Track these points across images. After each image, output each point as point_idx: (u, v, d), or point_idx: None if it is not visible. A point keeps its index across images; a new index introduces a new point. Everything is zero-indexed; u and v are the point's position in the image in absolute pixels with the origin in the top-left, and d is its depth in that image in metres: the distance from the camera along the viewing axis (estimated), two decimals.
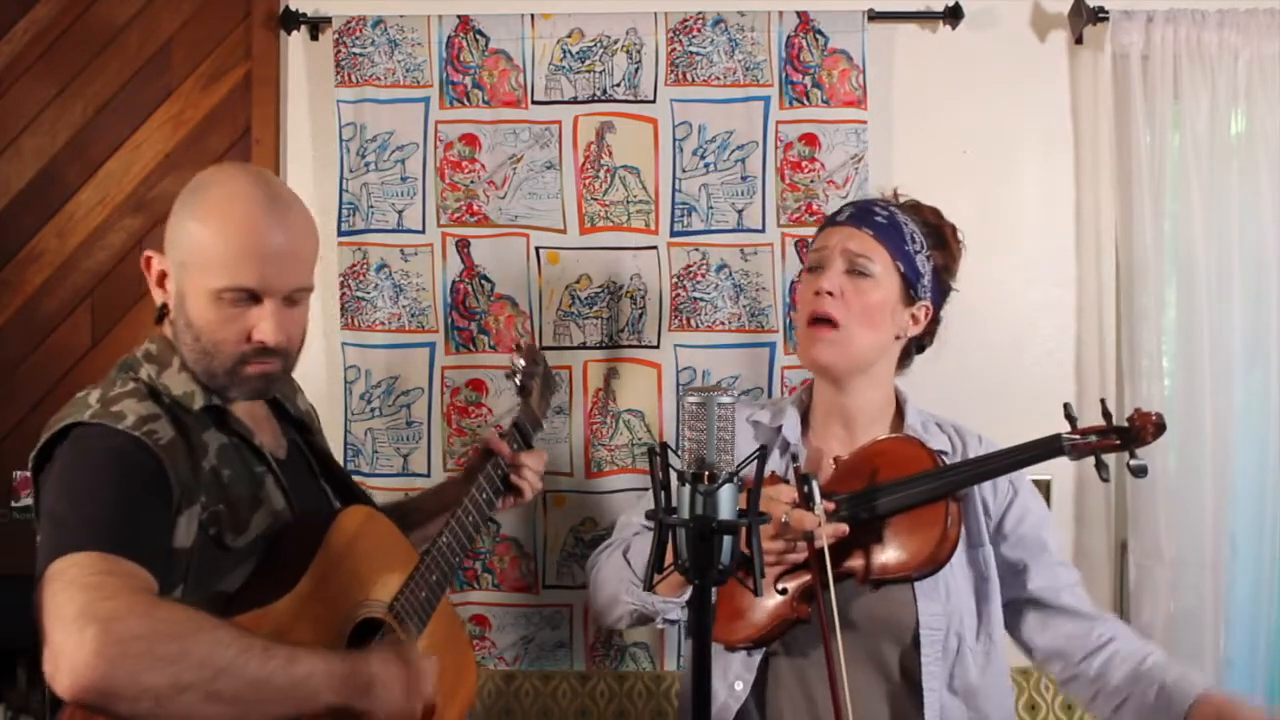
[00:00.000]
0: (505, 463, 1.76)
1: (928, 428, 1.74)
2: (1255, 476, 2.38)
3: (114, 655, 1.14)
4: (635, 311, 2.39)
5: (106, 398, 1.36)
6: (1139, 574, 2.34)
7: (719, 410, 1.21)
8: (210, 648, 1.20)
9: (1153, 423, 1.50)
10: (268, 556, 1.41)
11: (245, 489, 1.42)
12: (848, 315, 1.66)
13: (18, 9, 2.49)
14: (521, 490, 1.78)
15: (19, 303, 2.49)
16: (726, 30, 2.38)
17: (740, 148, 2.38)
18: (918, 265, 1.70)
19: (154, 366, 1.43)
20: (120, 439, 1.31)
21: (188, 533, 1.33)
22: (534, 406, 1.92)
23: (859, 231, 1.69)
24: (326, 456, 1.66)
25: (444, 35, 2.39)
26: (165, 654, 1.17)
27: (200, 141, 2.49)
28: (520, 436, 1.83)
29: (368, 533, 1.50)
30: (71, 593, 1.18)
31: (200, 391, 1.43)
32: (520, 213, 2.39)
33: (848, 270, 1.68)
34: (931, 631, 1.61)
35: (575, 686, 2.35)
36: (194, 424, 1.40)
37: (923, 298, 1.71)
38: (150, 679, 1.15)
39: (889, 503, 1.56)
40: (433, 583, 1.54)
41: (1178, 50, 2.35)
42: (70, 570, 1.20)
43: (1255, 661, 2.36)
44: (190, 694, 1.17)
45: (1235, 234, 2.35)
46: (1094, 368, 2.45)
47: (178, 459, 1.34)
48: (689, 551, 1.21)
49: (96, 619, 1.15)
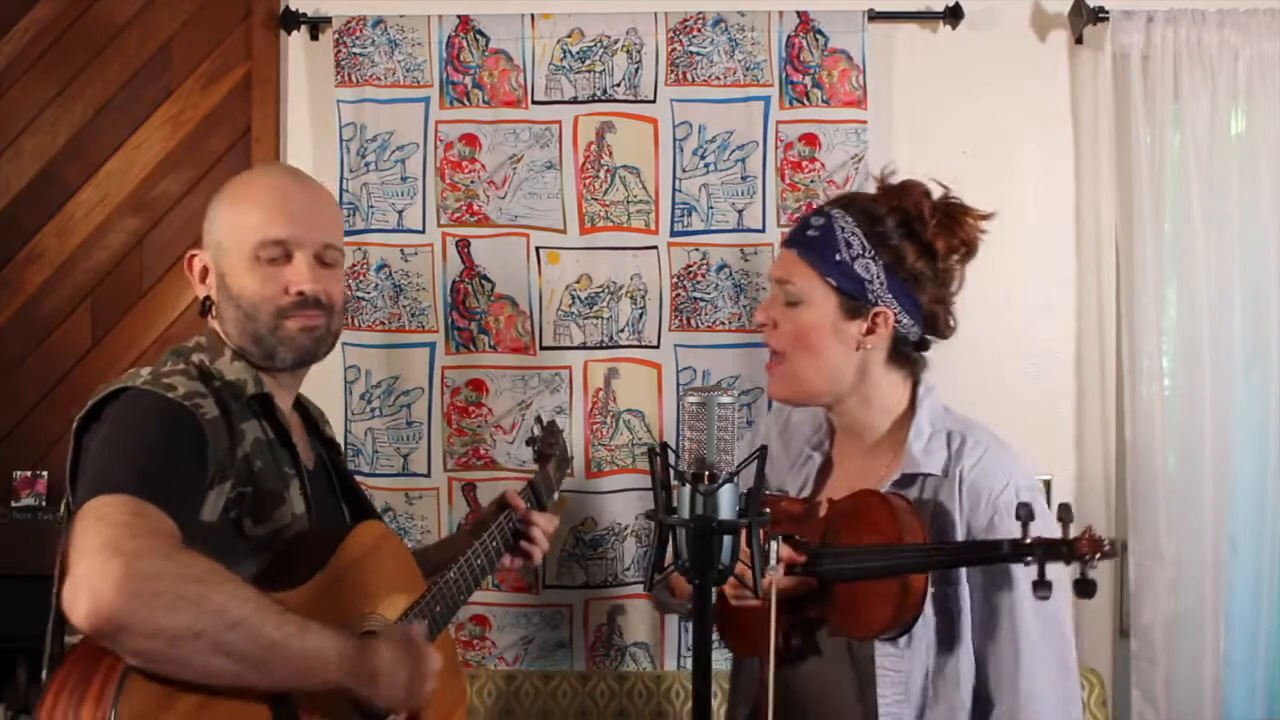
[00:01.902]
0: (517, 519, 1.78)
1: (932, 444, 1.61)
2: (1255, 476, 2.38)
3: (134, 590, 1.14)
4: (635, 311, 2.39)
5: (159, 373, 1.39)
6: (1139, 574, 2.34)
7: (719, 410, 1.21)
8: (229, 600, 1.20)
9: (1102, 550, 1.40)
10: (281, 555, 1.42)
11: (273, 484, 1.44)
12: (783, 344, 1.63)
13: (18, 9, 2.49)
14: (530, 554, 1.81)
15: (19, 303, 2.50)
16: (726, 30, 2.38)
17: (740, 148, 2.38)
18: (856, 272, 1.58)
19: (206, 354, 1.47)
20: (170, 404, 1.34)
21: (214, 508, 1.35)
22: (549, 475, 1.93)
23: (788, 253, 1.64)
24: (350, 479, 1.69)
25: (444, 35, 2.39)
26: (185, 596, 1.17)
27: (200, 141, 2.49)
28: (534, 497, 1.85)
29: (383, 549, 1.52)
30: (101, 527, 1.19)
31: (252, 380, 1.46)
32: (520, 213, 2.39)
33: (782, 299, 1.63)
34: (887, 673, 1.56)
35: (575, 686, 2.35)
36: (238, 411, 1.43)
37: (874, 303, 1.59)
38: (166, 619, 1.16)
39: (844, 570, 1.53)
40: (436, 613, 1.55)
41: (1178, 50, 2.35)
42: (103, 508, 1.21)
43: (1255, 661, 2.36)
44: (201, 641, 1.17)
45: (1235, 234, 2.36)
46: (1094, 368, 2.45)
47: (219, 435, 1.36)
48: (689, 551, 1.21)
49: (122, 552, 1.16)
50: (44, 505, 2.35)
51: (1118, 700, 2.41)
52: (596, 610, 2.40)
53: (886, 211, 1.62)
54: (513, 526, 1.78)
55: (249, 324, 1.47)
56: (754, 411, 2.36)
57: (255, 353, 1.48)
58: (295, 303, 1.47)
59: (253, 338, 1.47)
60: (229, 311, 1.48)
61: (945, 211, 1.63)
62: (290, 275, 1.47)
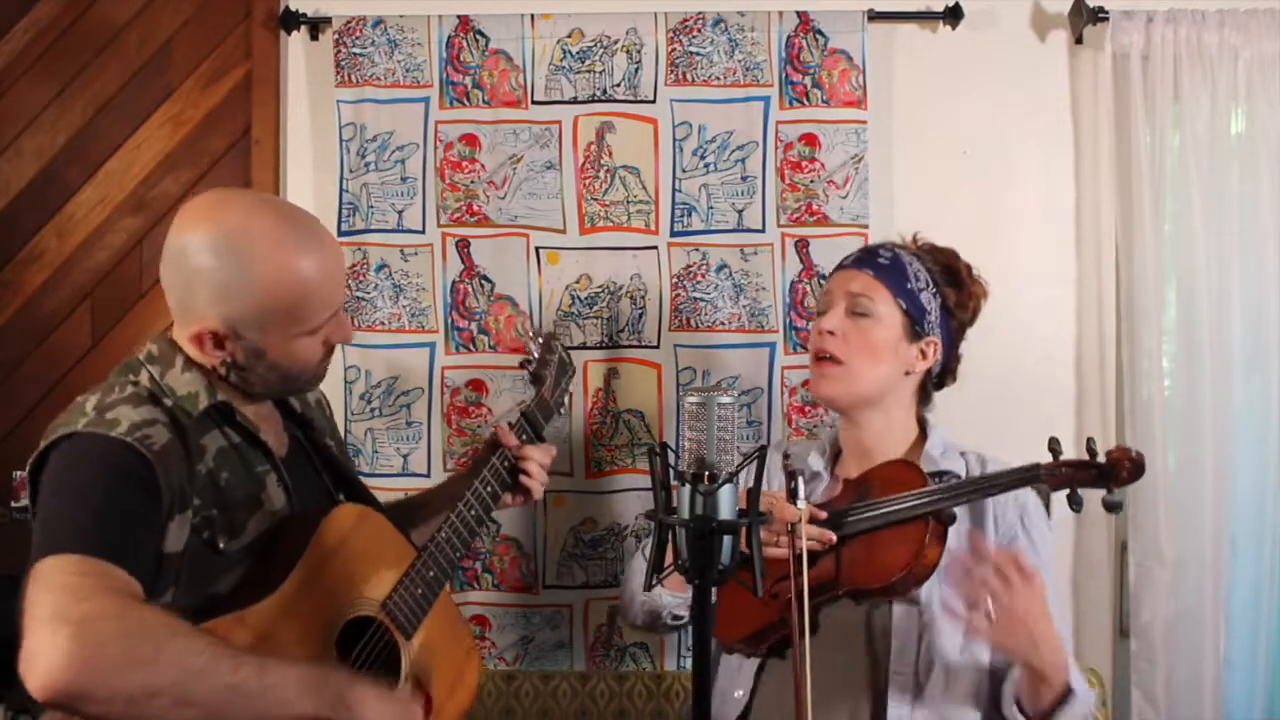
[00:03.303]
0: (512, 455, 1.72)
1: (948, 454, 1.79)
2: (1255, 476, 2.38)
3: (86, 657, 1.14)
4: (635, 311, 2.39)
5: (103, 404, 1.36)
6: (1139, 574, 2.34)
7: (719, 410, 1.21)
8: (181, 654, 1.19)
9: (1131, 460, 1.56)
10: (260, 557, 1.41)
11: (243, 491, 1.42)
12: (848, 351, 1.75)
13: (18, 9, 2.49)
14: (529, 489, 1.74)
15: (19, 303, 2.49)
16: (726, 30, 2.38)
17: (740, 148, 2.38)
18: (921, 302, 1.78)
19: (157, 367, 1.43)
20: (113, 445, 1.31)
21: (179, 538, 1.33)
22: (547, 395, 1.86)
23: (860, 273, 1.80)
24: (328, 451, 1.66)
25: (444, 35, 2.39)
26: (138, 657, 1.17)
27: (200, 141, 2.49)
28: (530, 427, 1.78)
29: (360, 531, 1.50)
30: (49, 593, 1.18)
31: (205, 391, 1.42)
32: (520, 213, 2.39)
33: (850, 311, 1.77)
34: (903, 642, 1.64)
35: (575, 686, 2.35)
36: (194, 427, 1.40)
37: (929, 333, 1.78)
38: (122, 682, 1.16)
39: (870, 518, 1.61)
40: (429, 579, 1.53)
41: (1178, 50, 2.35)
42: (50, 571, 1.20)
43: (1255, 661, 2.36)
44: (162, 699, 1.17)
45: (1235, 234, 2.35)
46: (1094, 368, 2.45)
47: (171, 464, 1.34)
48: (689, 551, 1.21)
49: (70, 620, 1.15)
50: None
51: (1118, 700, 2.41)
52: (596, 610, 2.39)
53: (935, 263, 1.83)
54: (508, 465, 1.72)
55: (288, 383, 1.49)
56: (753, 412, 2.36)
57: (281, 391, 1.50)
58: (329, 351, 1.52)
59: (288, 390, 1.51)
60: (258, 367, 1.44)
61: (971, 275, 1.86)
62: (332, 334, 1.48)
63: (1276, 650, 2.37)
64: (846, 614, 1.65)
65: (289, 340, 1.43)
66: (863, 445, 1.82)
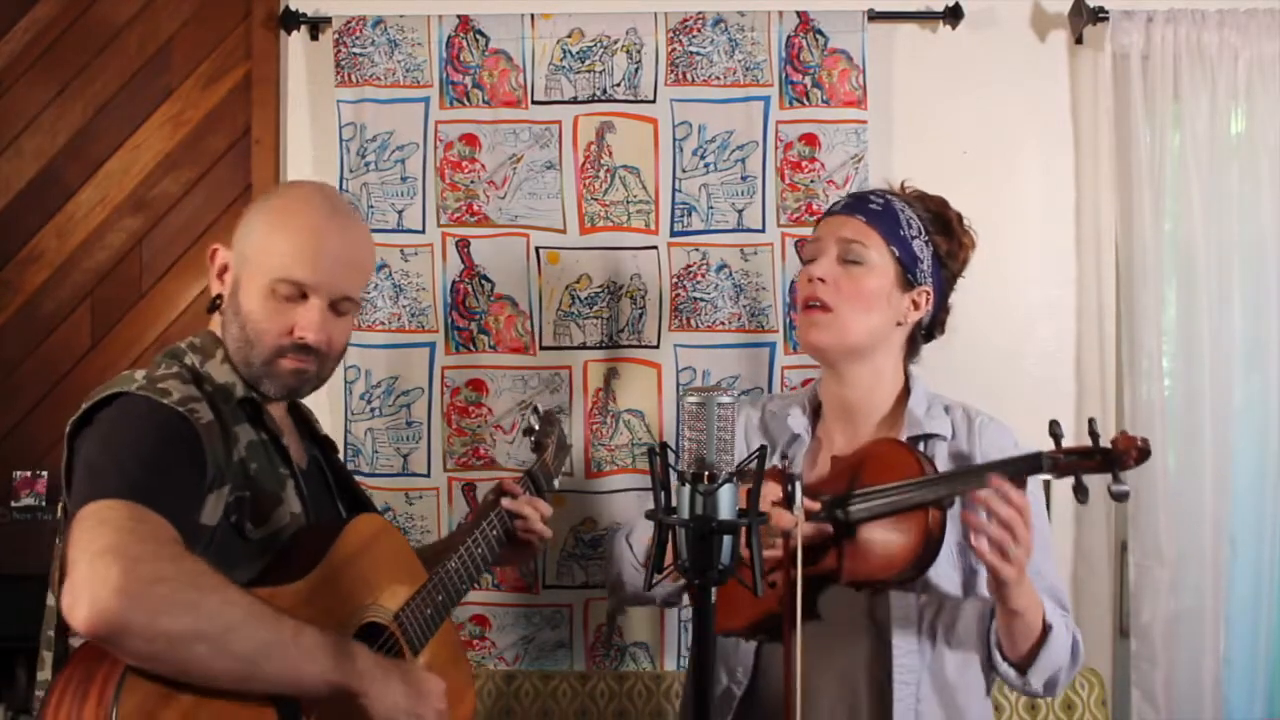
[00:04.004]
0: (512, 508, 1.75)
1: (933, 411, 1.71)
2: (1255, 476, 2.38)
3: (135, 593, 1.15)
4: (635, 311, 2.39)
5: (152, 377, 1.39)
6: (1139, 574, 2.34)
7: (719, 410, 1.21)
8: (226, 604, 1.22)
9: (1137, 448, 1.48)
10: (281, 553, 1.42)
11: (269, 485, 1.44)
12: (839, 299, 1.67)
13: (18, 9, 2.49)
14: (529, 543, 1.78)
15: (19, 303, 2.49)
16: (726, 30, 2.38)
17: (740, 148, 2.38)
18: (914, 249, 1.70)
19: (198, 356, 1.47)
20: (165, 410, 1.34)
21: (214, 512, 1.35)
22: (548, 463, 1.91)
23: (851, 219, 1.71)
24: (346, 476, 1.69)
25: (444, 35, 2.39)
26: (185, 601, 1.18)
27: (200, 141, 2.50)
28: (533, 485, 1.83)
29: (381, 542, 1.52)
30: (101, 531, 1.19)
31: (241, 384, 1.47)
32: (520, 213, 2.39)
33: (841, 258, 1.69)
34: (905, 625, 1.61)
35: (575, 686, 2.35)
36: (230, 414, 1.43)
37: (922, 282, 1.71)
38: (167, 623, 1.17)
39: (868, 508, 1.56)
40: (439, 602, 1.56)
41: (1178, 50, 2.35)
42: (103, 512, 1.22)
43: (1255, 661, 2.36)
44: (203, 645, 1.18)
45: (1235, 234, 2.35)
46: (1094, 368, 2.45)
47: (214, 440, 1.37)
48: (689, 551, 1.21)
49: (125, 555, 1.17)
50: (44, 505, 2.35)
51: (1118, 700, 2.41)
52: (596, 610, 2.40)
53: (925, 210, 1.75)
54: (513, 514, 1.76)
55: (246, 348, 1.47)
56: None
57: (243, 372, 1.48)
58: (295, 345, 1.47)
59: (245, 361, 1.47)
60: (233, 326, 1.48)
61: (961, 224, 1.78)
62: (299, 318, 1.46)
63: (1276, 650, 2.38)
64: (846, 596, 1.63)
65: (254, 285, 1.46)
66: (846, 402, 1.74)
